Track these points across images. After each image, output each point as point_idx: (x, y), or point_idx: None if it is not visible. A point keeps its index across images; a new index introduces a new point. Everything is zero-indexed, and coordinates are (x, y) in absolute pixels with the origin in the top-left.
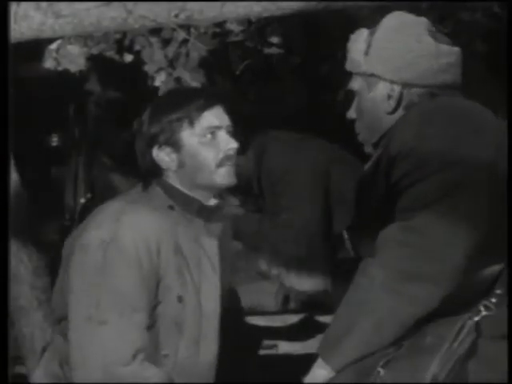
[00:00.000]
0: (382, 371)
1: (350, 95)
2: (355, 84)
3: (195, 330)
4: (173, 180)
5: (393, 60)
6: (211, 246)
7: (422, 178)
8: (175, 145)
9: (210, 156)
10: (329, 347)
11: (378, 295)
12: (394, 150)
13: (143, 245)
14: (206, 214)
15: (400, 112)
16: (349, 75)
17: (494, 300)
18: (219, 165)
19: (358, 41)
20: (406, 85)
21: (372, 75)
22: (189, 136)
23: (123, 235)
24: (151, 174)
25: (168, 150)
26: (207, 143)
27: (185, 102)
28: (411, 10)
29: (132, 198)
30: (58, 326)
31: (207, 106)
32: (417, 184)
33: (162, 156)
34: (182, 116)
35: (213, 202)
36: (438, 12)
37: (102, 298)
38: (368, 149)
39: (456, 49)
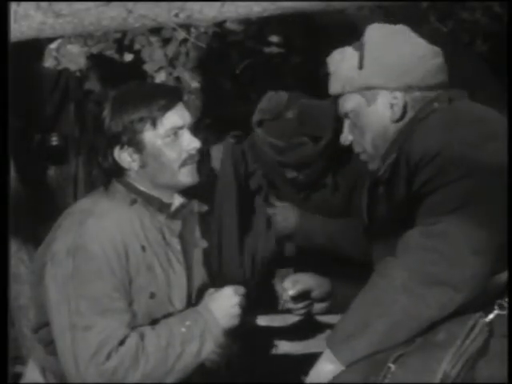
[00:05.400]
0: (393, 367)
1: (339, 120)
2: (350, 103)
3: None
4: (133, 179)
5: (391, 67)
6: (172, 242)
7: (446, 184)
8: (137, 145)
9: (173, 157)
10: (340, 342)
11: (397, 297)
12: (417, 155)
13: (110, 248)
14: (166, 211)
15: (407, 118)
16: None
17: (508, 299)
18: (182, 165)
19: (345, 59)
20: (408, 89)
21: (369, 88)
22: (151, 137)
23: (89, 241)
24: (112, 173)
25: (130, 150)
26: (170, 144)
27: (146, 100)
28: (411, 10)
29: (95, 198)
30: (36, 334)
31: (170, 105)
32: (440, 189)
33: (124, 156)
34: (144, 116)
35: (178, 200)
36: (438, 12)
37: (81, 304)
38: (373, 165)
39: (439, 49)
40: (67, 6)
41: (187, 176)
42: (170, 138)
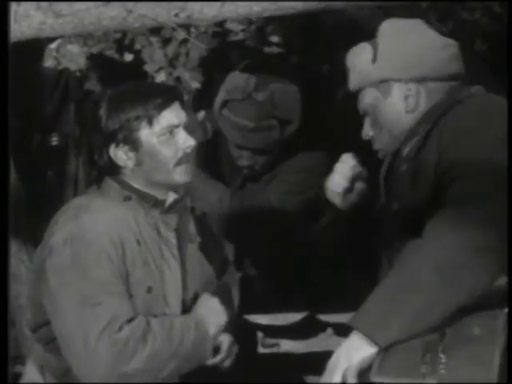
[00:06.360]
0: (443, 357)
1: (359, 117)
2: (368, 98)
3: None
4: (128, 177)
5: (404, 59)
6: (168, 236)
7: (477, 170)
8: (133, 143)
9: (168, 155)
10: (371, 322)
11: (429, 275)
12: (451, 133)
13: (107, 238)
14: (161, 207)
15: (422, 107)
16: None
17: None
18: (177, 163)
19: (361, 53)
20: (422, 80)
21: (384, 81)
22: (147, 135)
23: (85, 232)
24: (107, 171)
25: (126, 148)
26: (166, 142)
27: (142, 99)
28: (411, 10)
29: (90, 196)
30: (35, 334)
31: (166, 104)
32: (470, 175)
33: (120, 154)
34: (140, 114)
35: (172, 197)
36: (438, 12)
37: (85, 287)
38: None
39: (453, 41)
40: (67, 6)
41: (182, 174)
42: (166, 137)
